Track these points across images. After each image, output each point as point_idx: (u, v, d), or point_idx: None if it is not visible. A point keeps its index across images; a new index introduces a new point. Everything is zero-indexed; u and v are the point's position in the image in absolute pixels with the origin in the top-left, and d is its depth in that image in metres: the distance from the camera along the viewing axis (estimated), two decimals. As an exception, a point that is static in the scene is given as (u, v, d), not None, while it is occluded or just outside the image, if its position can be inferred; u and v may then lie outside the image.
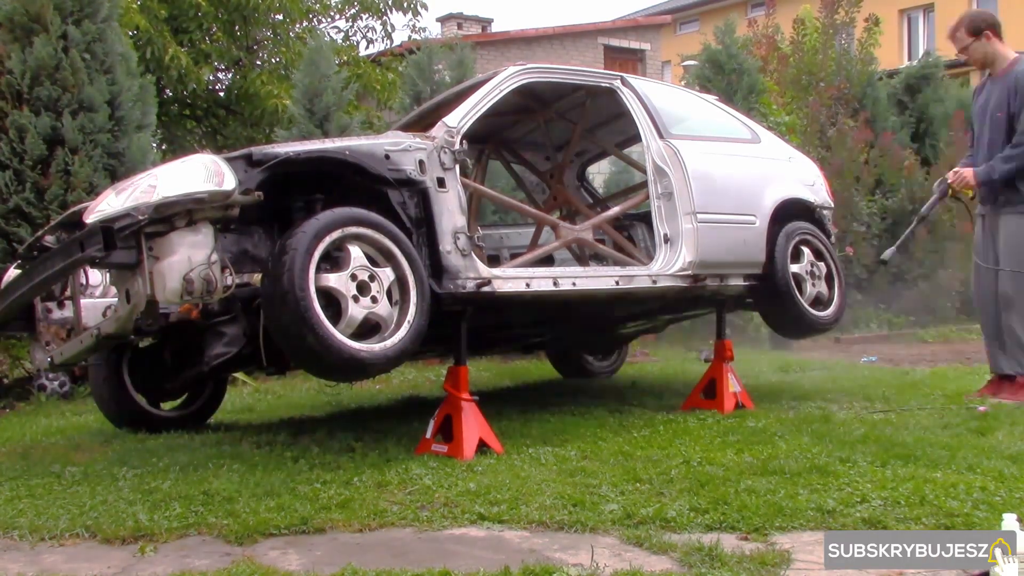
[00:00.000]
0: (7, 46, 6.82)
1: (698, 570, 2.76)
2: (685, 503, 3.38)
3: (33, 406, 6.29)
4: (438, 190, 4.28)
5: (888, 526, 3.13)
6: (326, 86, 8.41)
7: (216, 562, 2.92)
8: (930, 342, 10.20)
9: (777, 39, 13.73)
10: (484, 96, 4.76)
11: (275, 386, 6.92)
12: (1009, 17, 25.18)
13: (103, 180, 6.67)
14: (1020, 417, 4.87)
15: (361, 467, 3.97)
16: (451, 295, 4.23)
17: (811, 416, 5.02)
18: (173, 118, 12.07)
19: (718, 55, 10.53)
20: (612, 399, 5.73)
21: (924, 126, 12.81)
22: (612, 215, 5.66)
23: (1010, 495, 3.41)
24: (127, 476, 3.94)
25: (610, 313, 5.56)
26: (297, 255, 3.67)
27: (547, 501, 3.42)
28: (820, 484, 3.58)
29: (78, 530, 3.23)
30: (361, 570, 2.79)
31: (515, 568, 2.76)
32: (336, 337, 3.71)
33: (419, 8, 13.44)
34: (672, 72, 22.97)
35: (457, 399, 4.25)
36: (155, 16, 10.61)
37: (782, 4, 14.32)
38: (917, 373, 6.99)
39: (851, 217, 10.59)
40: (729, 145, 5.65)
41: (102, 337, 3.97)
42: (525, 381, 7.04)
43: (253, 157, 3.82)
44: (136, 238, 3.58)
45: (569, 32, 20.43)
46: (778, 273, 5.42)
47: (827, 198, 6.07)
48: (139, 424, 4.98)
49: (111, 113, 7.01)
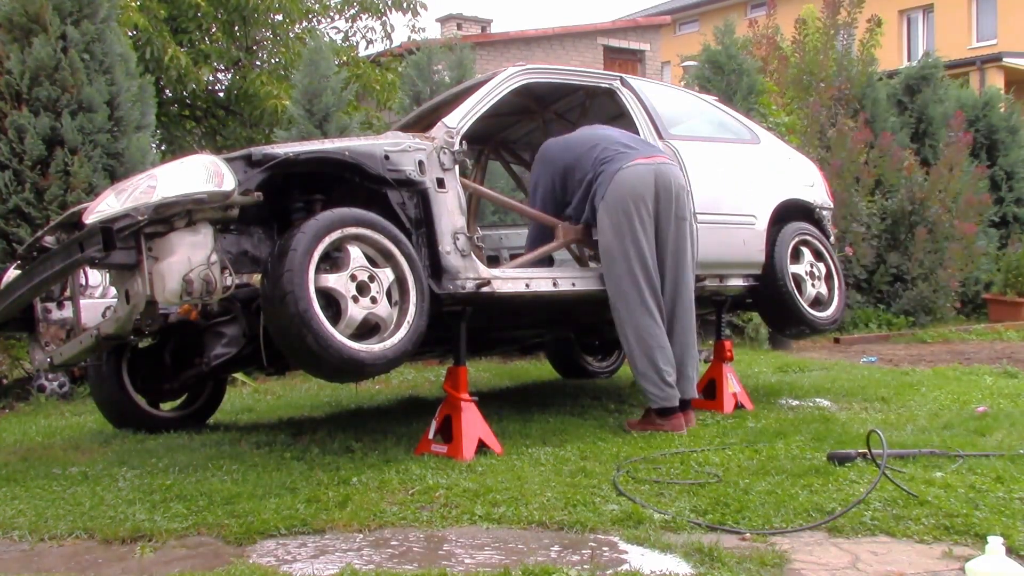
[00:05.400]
0: (6, 46, 6.82)
1: (698, 570, 2.77)
2: (685, 503, 3.38)
3: (32, 407, 6.29)
4: (437, 191, 4.28)
5: (888, 526, 3.13)
6: (325, 86, 8.41)
7: (216, 562, 2.92)
8: (929, 342, 10.21)
9: (777, 40, 13.73)
10: (484, 97, 4.76)
11: (275, 386, 6.92)
12: (1009, 17, 25.20)
13: (102, 180, 6.67)
14: (1020, 418, 4.88)
15: (361, 467, 3.97)
16: (451, 295, 4.23)
17: (811, 416, 5.02)
18: (172, 118, 12.06)
19: (718, 56, 10.53)
20: (612, 399, 5.74)
21: (924, 126, 12.82)
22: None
23: (1009, 495, 3.42)
24: (127, 476, 3.94)
25: (609, 313, 5.55)
26: (296, 255, 3.67)
27: (547, 501, 3.42)
28: (819, 484, 3.58)
29: (78, 531, 3.23)
30: (361, 570, 2.79)
31: (515, 568, 2.76)
32: (335, 338, 3.71)
33: (418, 8, 13.43)
34: (672, 73, 22.98)
35: (457, 399, 4.25)
36: (154, 16, 10.60)
37: (782, 4, 14.34)
38: (917, 374, 6.99)
39: (851, 217, 10.60)
40: (728, 146, 5.65)
41: (102, 337, 3.97)
42: (525, 381, 7.04)
43: (252, 158, 3.82)
44: (136, 239, 3.58)
45: (569, 33, 20.41)
46: (778, 273, 5.43)
47: (827, 199, 6.08)
48: (139, 424, 4.98)
49: (110, 113, 7.01)
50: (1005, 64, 20.75)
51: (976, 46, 25.23)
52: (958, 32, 25.89)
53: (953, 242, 11.29)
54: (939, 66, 13.39)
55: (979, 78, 19.89)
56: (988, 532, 2.93)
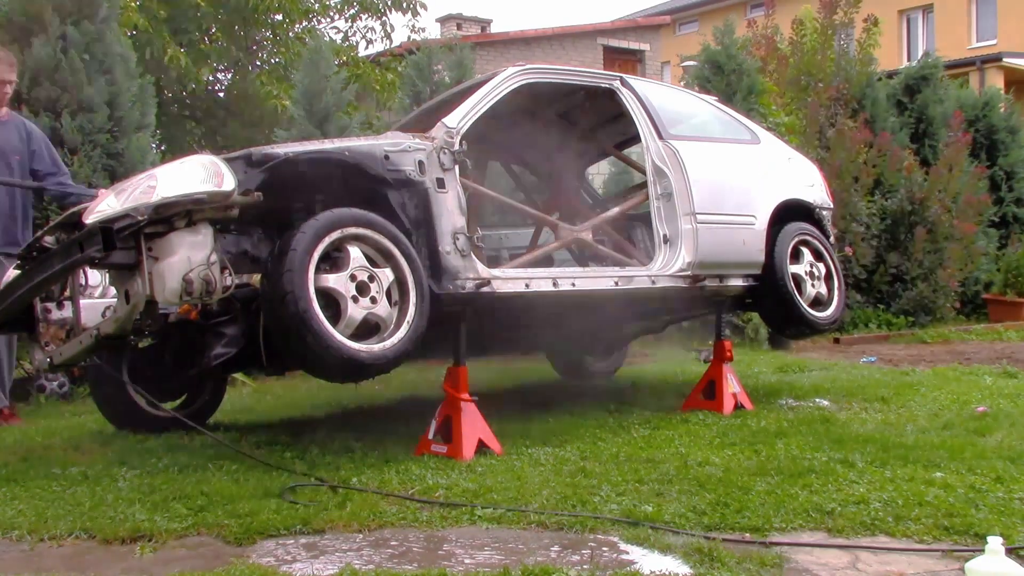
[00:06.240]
0: (6, 47, 6.81)
1: (698, 570, 2.77)
2: (685, 503, 3.38)
3: (32, 407, 6.29)
4: (437, 191, 4.28)
5: (888, 527, 3.13)
6: (325, 87, 8.40)
7: (216, 562, 2.92)
8: (929, 342, 10.21)
9: (776, 40, 13.73)
10: (483, 97, 4.76)
11: (275, 386, 6.92)
12: (1009, 17, 25.21)
13: (102, 181, 6.67)
14: (1020, 418, 4.88)
15: (361, 467, 3.97)
16: (450, 295, 4.23)
17: (810, 417, 5.02)
18: (172, 119, 12.06)
19: (717, 56, 10.53)
20: (612, 399, 5.73)
21: (923, 126, 12.82)
22: (611, 216, 5.66)
23: (1009, 495, 3.42)
24: (127, 476, 3.94)
25: (609, 314, 5.56)
26: (296, 255, 3.67)
27: (547, 501, 3.42)
28: (819, 485, 3.58)
29: (78, 531, 3.23)
30: (361, 570, 2.79)
31: (515, 568, 2.76)
32: (335, 338, 3.71)
33: (418, 8, 13.43)
34: (671, 73, 22.97)
35: (456, 399, 4.25)
36: (154, 16, 10.60)
37: (781, 4, 14.31)
38: (917, 374, 6.99)
39: (850, 217, 10.60)
40: (728, 146, 5.66)
41: (101, 338, 3.97)
42: (525, 381, 7.04)
43: (252, 158, 3.82)
44: (135, 239, 3.58)
45: (568, 33, 20.42)
46: (777, 274, 5.43)
47: (826, 199, 6.08)
48: (139, 424, 4.98)
49: (110, 114, 7.01)
50: (1005, 64, 20.75)
51: (976, 46, 25.24)
52: (958, 32, 25.90)
53: (953, 242, 11.28)
54: (939, 66, 13.39)
55: (979, 78, 19.89)
56: (988, 532, 2.93)
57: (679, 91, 6.63)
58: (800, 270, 5.58)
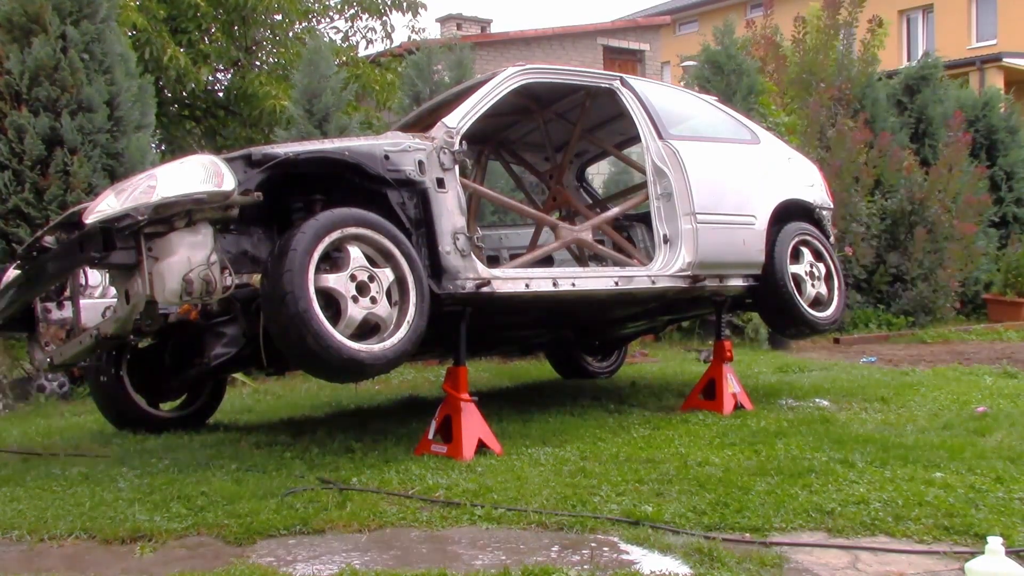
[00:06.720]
0: (6, 47, 6.82)
1: (698, 570, 2.77)
2: (685, 503, 3.38)
3: (32, 407, 6.29)
4: (437, 191, 4.28)
5: (888, 527, 3.13)
6: (325, 87, 8.41)
7: (216, 562, 2.92)
8: (929, 342, 10.21)
9: (776, 40, 13.73)
10: (483, 97, 4.76)
11: (275, 386, 6.92)
12: (1009, 17, 25.19)
13: (102, 180, 6.68)
14: (1020, 418, 4.88)
15: (361, 467, 3.97)
16: (450, 295, 4.23)
17: (810, 417, 5.02)
18: (172, 118, 12.05)
19: (717, 56, 10.54)
20: (611, 399, 5.73)
21: (923, 126, 12.83)
22: (611, 216, 5.66)
23: (1009, 495, 3.42)
24: (127, 476, 3.94)
25: (609, 313, 5.56)
26: (296, 255, 3.67)
27: (547, 502, 3.42)
28: (819, 485, 3.58)
29: (78, 531, 3.23)
30: (361, 570, 2.79)
31: (515, 568, 2.76)
32: (335, 338, 3.71)
33: (418, 8, 13.42)
34: (671, 73, 22.98)
35: (456, 399, 4.25)
36: (154, 16, 10.60)
37: (780, 4, 14.33)
38: (917, 374, 6.99)
39: (850, 217, 10.60)
40: (728, 146, 5.65)
41: (101, 338, 3.97)
42: (525, 381, 7.04)
43: (252, 158, 3.82)
44: (135, 239, 3.58)
45: (568, 33, 20.41)
46: (777, 274, 5.42)
47: (826, 199, 6.07)
48: (139, 424, 4.98)
49: (110, 113, 7.01)
50: (1005, 64, 20.74)
51: (976, 46, 25.23)
52: (958, 32, 25.89)
53: (953, 242, 11.28)
54: (939, 66, 13.39)
55: (979, 78, 19.89)
56: (988, 532, 2.94)
57: (679, 91, 6.63)
58: (800, 270, 5.58)
